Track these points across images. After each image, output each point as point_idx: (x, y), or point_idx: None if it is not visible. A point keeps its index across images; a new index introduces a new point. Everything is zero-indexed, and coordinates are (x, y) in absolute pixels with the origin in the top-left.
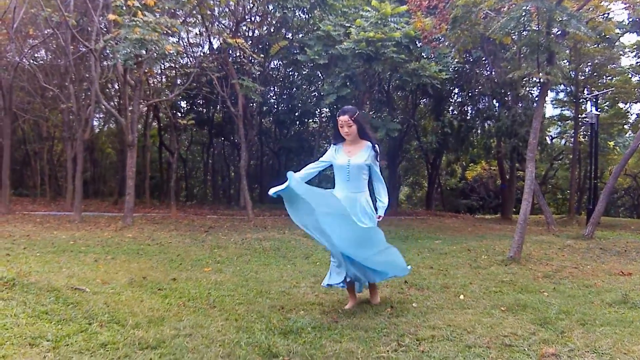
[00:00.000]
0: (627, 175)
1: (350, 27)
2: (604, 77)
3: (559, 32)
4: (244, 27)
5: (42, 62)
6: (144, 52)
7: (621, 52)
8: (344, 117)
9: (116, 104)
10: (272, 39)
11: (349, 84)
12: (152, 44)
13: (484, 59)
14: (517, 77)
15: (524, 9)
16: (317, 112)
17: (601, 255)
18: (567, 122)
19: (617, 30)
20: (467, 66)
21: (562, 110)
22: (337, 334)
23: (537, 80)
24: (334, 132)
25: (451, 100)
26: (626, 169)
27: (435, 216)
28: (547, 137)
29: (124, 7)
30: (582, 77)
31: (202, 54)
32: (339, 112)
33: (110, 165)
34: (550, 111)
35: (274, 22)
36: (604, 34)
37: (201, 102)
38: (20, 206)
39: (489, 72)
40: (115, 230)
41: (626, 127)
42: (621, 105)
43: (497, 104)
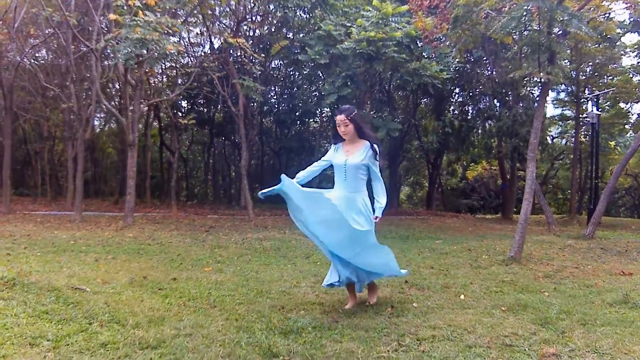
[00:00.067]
0: (628, 175)
1: (351, 27)
2: (605, 77)
3: (560, 31)
4: (245, 27)
5: (43, 61)
6: (145, 51)
7: (622, 52)
8: (341, 117)
9: (117, 103)
10: (273, 38)
11: (349, 84)
12: (153, 43)
13: (485, 58)
14: (518, 77)
15: (525, 8)
16: (317, 112)
17: (602, 255)
18: (568, 122)
19: (618, 30)
20: (468, 66)
21: (563, 110)
22: (338, 334)
23: (538, 80)
24: (333, 132)
25: (452, 100)
26: (627, 168)
27: (436, 216)
28: (548, 137)
29: (125, 7)
30: (583, 77)
31: (203, 54)
32: (337, 111)
33: (110, 164)
34: (551, 111)
35: (275, 21)
36: (605, 34)
37: (202, 102)
38: (21, 206)
39: (490, 72)
40: (115, 229)
41: (627, 127)
42: (622, 105)
43: (498, 104)
